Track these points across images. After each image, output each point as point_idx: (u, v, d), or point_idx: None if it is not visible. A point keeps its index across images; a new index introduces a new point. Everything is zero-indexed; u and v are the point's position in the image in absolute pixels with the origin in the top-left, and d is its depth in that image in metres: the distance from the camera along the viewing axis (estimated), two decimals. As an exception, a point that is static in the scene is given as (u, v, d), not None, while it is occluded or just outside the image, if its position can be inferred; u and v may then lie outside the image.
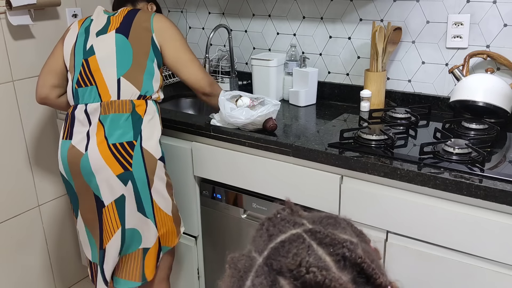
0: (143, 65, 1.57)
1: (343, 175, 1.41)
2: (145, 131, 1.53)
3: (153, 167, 1.53)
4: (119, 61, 1.55)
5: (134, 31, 1.59)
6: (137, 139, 1.51)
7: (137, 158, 1.50)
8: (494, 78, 1.55)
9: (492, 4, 1.60)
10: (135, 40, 1.58)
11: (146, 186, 1.53)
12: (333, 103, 1.95)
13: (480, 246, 1.22)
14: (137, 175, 1.51)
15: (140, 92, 1.55)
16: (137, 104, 1.54)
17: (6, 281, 2.09)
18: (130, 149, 1.50)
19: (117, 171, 1.49)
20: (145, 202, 1.54)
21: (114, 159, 1.49)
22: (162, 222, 1.58)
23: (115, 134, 1.50)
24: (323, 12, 1.95)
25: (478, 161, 1.27)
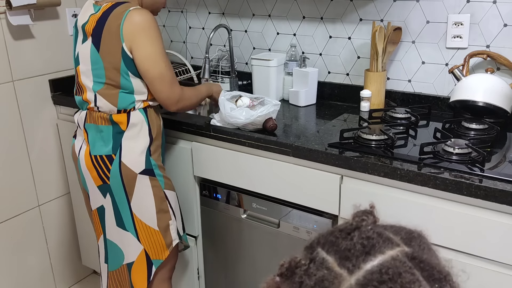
0: (116, 81, 1.44)
1: (343, 175, 1.41)
2: (125, 144, 1.48)
3: (133, 182, 1.50)
4: (94, 76, 1.47)
5: (104, 41, 1.41)
6: (116, 152, 1.48)
7: (114, 172, 1.49)
8: (494, 78, 1.55)
9: (492, 4, 1.60)
10: (105, 53, 1.42)
11: (125, 200, 1.52)
12: (333, 103, 1.95)
13: (480, 246, 1.22)
14: (115, 189, 1.51)
15: (118, 107, 1.47)
16: (116, 118, 1.47)
17: (6, 281, 2.09)
18: (108, 163, 1.49)
19: (97, 182, 1.53)
20: (124, 216, 1.54)
21: (95, 170, 1.52)
22: (145, 235, 1.56)
23: (96, 146, 1.51)
24: (323, 12, 1.95)
25: (478, 161, 1.27)
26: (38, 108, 2.10)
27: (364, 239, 0.49)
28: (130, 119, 1.48)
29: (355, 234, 0.49)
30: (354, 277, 0.46)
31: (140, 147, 1.50)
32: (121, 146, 1.48)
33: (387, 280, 0.45)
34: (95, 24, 1.43)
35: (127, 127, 1.48)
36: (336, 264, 0.47)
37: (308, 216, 1.52)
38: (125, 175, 1.49)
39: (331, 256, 0.48)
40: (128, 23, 1.38)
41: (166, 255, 1.60)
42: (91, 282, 2.44)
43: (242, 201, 1.68)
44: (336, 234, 0.50)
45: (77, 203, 2.26)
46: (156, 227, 1.56)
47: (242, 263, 1.76)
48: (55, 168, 2.21)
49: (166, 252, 1.60)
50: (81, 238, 2.33)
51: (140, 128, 1.50)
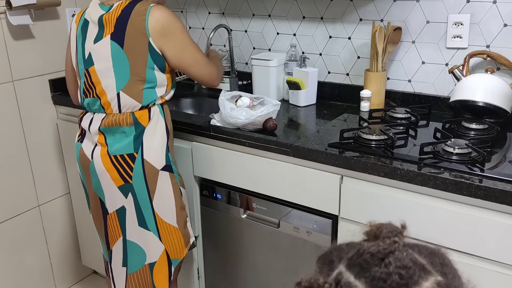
0: (142, 76, 1.46)
1: (343, 175, 1.41)
2: (147, 141, 1.49)
3: (155, 179, 1.51)
4: (117, 74, 1.46)
5: (129, 37, 1.43)
6: (138, 151, 1.48)
7: (137, 171, 1.49)
8: (494, 78, 1.55)
9: (492, 4, 1.60)
10: (130, 49, 1.44)
11: (147, 199, 1.51)
12: (333, 103, 1.95)
13: (480, 246, 1.22)
14: (138, 188, 1.50)
15: (142, 104, 1.48)
16: (139, 115, 1.49)
17: (6, 281, 2.09)
18: (130, 162, 1.48)
19: (118, 182, 1.50)
20: (147, 215, 1.53)
21: (115, 170, 1.49)
22: (167, 235, 1.56)
23: (116, 146, 1.49)
24: (323, 12, 1.95)
25: (478, 161, 1.27)
26: (38, 108, 2.10)
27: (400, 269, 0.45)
28: (150, 115, 1.50)
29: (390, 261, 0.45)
30: None
31: (160, 143, 1.51)
32: (142, 143, 1.48)
33: None
34: (115, 21, 1.44)
35: (148, 124, 1.49)
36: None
37: (308, 216, 1.52)
38: (148, 172, 1.49)
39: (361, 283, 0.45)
40: (153, 19, 1.43)
41: (184, 253, 1.61)
42: (91, 282, 2.44)
43: (242, 201, 1.68)
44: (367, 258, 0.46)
45: (77, 203, 2.26)
46: (176, 225, 1.57)
47: (242, 263, 1.76)
48: (55, 168, 2.21)
49: (184, 251, 1.61)
50: (81, 238, 2.33)
51: (158, 124, 1.51)
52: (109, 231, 1.60)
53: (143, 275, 1.60)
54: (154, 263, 1.58)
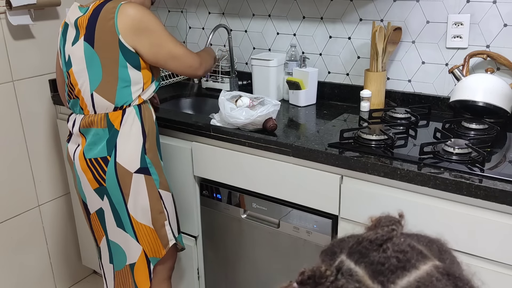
0: (114, 75, 1.44)
1: (343, 175, 1.41)
2: (121, 143, 1.48)
3: (128, 182, 1.50)
4: (90, 74, 1.46)
5: (98, 37, 1.42)
6: (111, 153, 1.48)
7: (110, 174, 1.49)
8: (494, 78, 1.55)
9: (492, 4, 1.60)
10: (101, 48, 1.43)
11: (122, 202, 1.52)
12: (333, 103, 1.95)
13: (480, 246, 1.22)
14: (112, 191, 1.51)
15: (115, 104, 1.47)
16: (113, 117, 1.48)
17: (6, 281, 2.09)
18: (104, 165, 1.49)
19: (94, 185, 1.52)
20: (123, 217, 1.54)
21: (90, 173, 1.51)
22: (143, 235, 1.57)
23: (92, 149, 1.50)
24: (323, 12, 1.95)
25: (478, 161, 1.27)
26: (38, 108, 2.10)
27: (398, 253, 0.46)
28: (124, 117, 1.48)
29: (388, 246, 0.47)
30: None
31: (135, 146, 1.50)
32: (116, 146, 1.48)
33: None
34: (86, 22, 1.44)
35: (120, 126, 1.48)
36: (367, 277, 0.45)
37: (308, 216, 1.52)
38: (121, 175, 1.49)
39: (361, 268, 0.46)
40: (123, 16, 1.40)
41: (163, 254, 1.61)
42: (91, 282, 2.44)
43: (242, 201, 1.68)
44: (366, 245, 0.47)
45: (77, 203, 2.26)
46: (151, 226, 1.57)
47: (242, 263, 1.76)
48: (55, 168, 2.21)
49: (163, 251, 1.61)
50: (81, 238, 2.33)
51: (134, 126, 1.50)
52: (94, 230, 1.64)
53: (126, 275, 1.62)
54: (134, 264, 1.59)
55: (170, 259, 1.70)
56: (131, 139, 1.49)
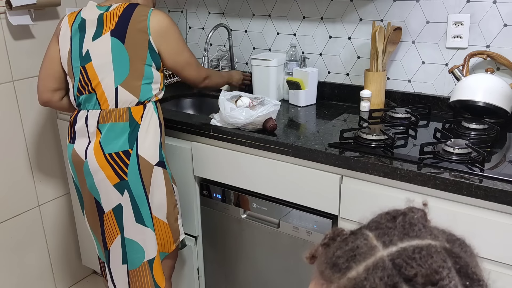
0: (141, 71, 1.51)
1: (343, 175, 1.41)
2: (142, 137, 1.52)
3: (149, 174, 1.53)
4: (116, 69, 1.50)
5: (130, 34, 1.50)
6: (132, 147, 1.50)
7: (132, 167, 1.50)
8: (494, 78, 1.55)
9: (492, 4, 1.60)
10: (131, 45, 1.50)
11: (143, 195, 1.53)
12: (333, 103, 1.95)
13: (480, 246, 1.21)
14: (133, 185, 1.51)
15: (139, 99, 1.52)
16: (135, 111, 1.52)
17: (6, 281, 2.09)
18: (125, 158, 1.50)
19: (114, 180, 1.51)
20: (143, 211, 1.54)
21: (110, 169, 1.50)
22: (159, 230, 1.59)
23: (111, 144, 1.50)
24: (323, 12, 1.95)
25: (478, 161, 1.27)
26: (38, 108, 2.10)
27: (406, 223, 0.51)
28: (145, 111, 1.53)
29: (399, 218, 0.52)
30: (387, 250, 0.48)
31: (154, 139, 1.54)
32: (137, 139, 1.51)
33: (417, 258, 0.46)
34: (117, 19, 1.51)
35: (141, 120, 1.52)
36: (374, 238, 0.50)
37: (308, 216, 1.52)
38: (143, 167, 1.51)
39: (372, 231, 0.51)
40: (155, 20, 1.51)
41: (172, 248, 1.64)
42: (91, 282, 2.44)
43: (242, 201, 1.68)
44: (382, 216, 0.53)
45: (77, 203, 2.26)
46: (165, 220, 1.59)
47: (242, 263, 1.76)
48: (55, 168, 2.21)
49: (172, 246, 1.64)
50: (81, 238, 2.33)
51: (152, 120, 1.54)
52: (106, 231, 1.60)
53: (144, 272, 1.60)
54: (153, 259, 1.59)
55: (173, 258, 1.70)
56: (151, 132, 1.54)
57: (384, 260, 0.47)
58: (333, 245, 0.52)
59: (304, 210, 1.52)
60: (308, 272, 1.54)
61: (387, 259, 0.47)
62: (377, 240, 0.50)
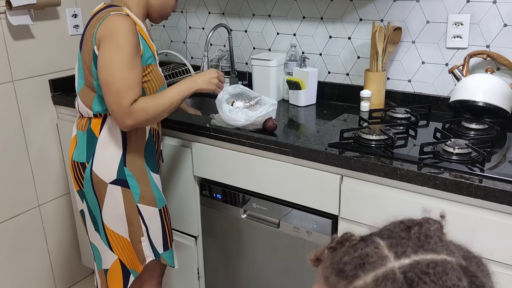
0: (91, 84, 1.41)
1: (343, 175, 1.41)
2: (99, 151, 1.44)
3: (103, 192, 1.45)
4: (78, 77, 1.46)
5: (84, 43, 1.40)
6: (89, 160, 1.45)
7: (87, 180, 1.47)
8: (494, 78, 1.55)
9: (492, 4, 1.60)
10: (84, 55, 1.40)
11: (97, 209, 1.50)
12: (333, 103, 1.95)
13: (480, 246, 1.21)
14: (88, 196, 1.50)
15: (92, 111, 1.44)
16: (94, 122, 1.45)
17: (6, 281, 2.09)
18: (82, 170, 1.48)
19: (76, 187, 1.53)
20: (99, 223, 1.52)
21: (73, 175, 1.52)
22: (119, 245, 1.51)
23: (75, 151, 1.50)
24: (323, 12, 1.95)
25: (478, 161, 1.27)
26: (38, 108, 2.10)
27: (422, 235, 0.48)
28: (104, 124, 1.44)
29: (415, 228, 0.49)
30: (399, 262, 0.45)
31: (112, 156, 1.44)
32: (94, 154, 1.45)
33: (431, 273, 0.44)
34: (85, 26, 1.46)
35: (100, 133, 1.43)
36: (386, 247, 0.47)
37: (308, 216, 1.52)
38: (96, 184, 1.45)
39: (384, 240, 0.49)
40: (101, 28, 1.32)
41: (140, 269, 1.54)
42: (91, 282, 2.44)
43: (242, 201, 1.68)
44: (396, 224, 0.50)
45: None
46: (128, 238, 1.51)
47: (242, 263, 1.76)
48: (55, 168, 2.21)
49: (140, 267, 1.54)
50: (81, 238, 2.33)
51: (113, 135, 1.43)
52: None
53: (102, 276, 1.61)
54: (107, 270, 1.56)
55: (157, 269, 1.63)
56: (109, 148, 1.44)
57: (395, 272, 0.45)
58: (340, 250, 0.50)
59: (304, 210, 1.52)
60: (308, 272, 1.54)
61: (398, 271, 0.45)
62: (389, 250, 0.47)
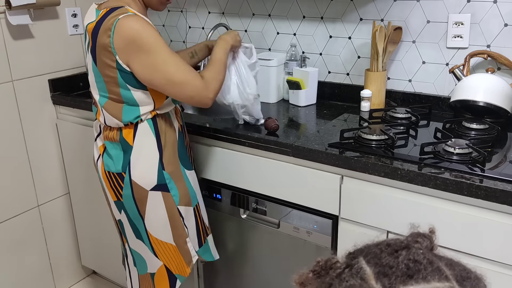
0: (117, 94, 1.35)
1: (343, 175, 1.41)
2: (134, 160, 1.40)
3: (144, 200, 1.42)
4: (99, 89, 1.38)
5: (99, 54, 1.31)
6: (126, 170, 1.40)
7: (126, 191, 1.42)
8: (494, 78, 1.54)
9: (493, 3, 1.59)
10: (102, 66, 1.32)
11: (139, 218, 1.46)
12: (333, 103, 1.94)
13: (480, 246, 1.21)
14: (128, 207, 1.46)
15: (123, 122, 1.38)
16: (125, 132, 1.39)
17: (6, 281, 2.09)
18: (120, 181, 1.42)
19: (113, 197, 1.48)
20: (142, 232, 1.49)
21: (110, 186, 1.46)
22: (163, 252, 1.50)
23: (108, 163, 1.44)
24: (323, 12, 1.94)
25: (479, 161, 1.27)
26: (37, 108, 2.10)
27: (410, 261, 0.45)
28: (137, 133, 1.39)
29: (402, 253, 0.46)
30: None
31: (150, 162, 1.40)
32: (129, 163, 1.40)
33: None
34: (91, 35, 1.32)
35: (133, 141, 1.39)
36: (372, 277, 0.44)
37: (308, 216, 1.51)
38: (137, 192, 1.41)
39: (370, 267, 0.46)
40: (118, 36, 1.26)
41: (188, 272, 1.55)
42: (91, 282, 2.44)
43: (242, 201, 1.67)
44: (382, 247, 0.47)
45: (77, 203, 2.26)
46: (173, 243, 1.50)
47: (242, 263, 1.76)
48: (54, 168, 2.21)
49: (187, 270, 1.55)
50: (81, 238, 2.33)
51: (147, 142, 1.40)
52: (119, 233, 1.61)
53: (148, 281, 1.58)
54: (154, 273, 1.55)
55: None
56: (145, 155, 1.40)
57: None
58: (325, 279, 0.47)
59: (304, 210, 1.52)
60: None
61: None
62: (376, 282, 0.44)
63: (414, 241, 0.48)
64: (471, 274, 0.47)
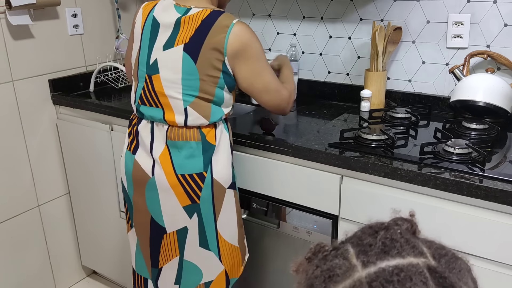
0: (211, 93, 1.34)
1: (343, 175, 1.41)
2: (216, 159, 1.40)
3: (222, 198, 1.43)
4: (185, 88, 1.34)
5: (205, 53, 1.31)
6: (207, 169, 1.39)
7: (206, 191, 1.40)
8: (494, 78, 1.55)
9: (493, 4, 1.59)
10: (203, 65, 1.32)
11: (212, 219, 1.44)
12: (333, 103, 1.94)
13: (480, 246, 1.22)
14: (204, 209, 1.41)
15: (209, 121, 1.38)
16: (206, 132, 1.39)
17: (6, 281, 2.09)
18: (200, 181, 1.39)
19: (184, 202, 1.40)
20: (210, 236, 1.45)
21: (182, 190, 1.39)
22: (228, 255, 1.49)
23: (184, 164, 1.38)
24: (323, 12, 1.95)
25: (479, 161, 1.27)
26: (37, 108, 2.10)
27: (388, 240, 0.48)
28: (217, 131, 1.41)
29: (381, 232, 0.49)
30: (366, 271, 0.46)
31: (227, 161, 1.43)
32: (211, 162, 1.39)
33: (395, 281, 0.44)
34: (193, 32, 1.32)
35: (215, 140, 1.40)
36: (354, 256, 0.48)
37: (308, 216, 1.51)
38: (216, 191, 1.41)
39: (353, 247, 0.49)
40: (235, 39, 1.31)
41: (241, 272, 1.54)
42: (91, 282, 2.44)
43: (242, 201, 1.67)
44: (365, 230, 0.51)
45: (77, 203, 2.26)
46: (236, 244, 1.50)
47: (242, 263, 1.76)
48: (54, 168, 2.21)
49: (241, 268, 1.55)
50: (81, 238, 2.33)
51: (224, 141, 1.43)
52: (162, 250, 1.49)
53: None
54: (210, 282, 1.50)
55: None
56: (224, 154, 1.42)
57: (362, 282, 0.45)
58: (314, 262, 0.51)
59: (304, 210, 1.52)
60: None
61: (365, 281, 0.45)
62: (357, 259, 0.47)
63: (395, 224, 0.51)
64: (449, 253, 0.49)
